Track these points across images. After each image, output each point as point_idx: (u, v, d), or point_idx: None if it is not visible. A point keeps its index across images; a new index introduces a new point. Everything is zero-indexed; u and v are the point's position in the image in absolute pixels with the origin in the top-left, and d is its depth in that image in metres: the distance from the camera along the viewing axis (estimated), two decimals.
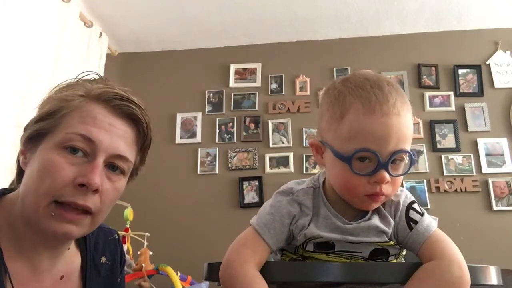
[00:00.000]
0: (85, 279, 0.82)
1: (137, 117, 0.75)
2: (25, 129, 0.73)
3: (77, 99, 0.71)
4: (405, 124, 0.70)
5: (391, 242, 0.74)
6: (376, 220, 0.74)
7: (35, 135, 0.70)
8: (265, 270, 0.70)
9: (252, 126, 3.02)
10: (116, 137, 0.72)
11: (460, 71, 2.96)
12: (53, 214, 0.67)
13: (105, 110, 0.72)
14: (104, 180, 0.70)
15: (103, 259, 0.87)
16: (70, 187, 0.67)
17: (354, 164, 0.69)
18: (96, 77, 0.79)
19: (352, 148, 0.69)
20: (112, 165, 0.72)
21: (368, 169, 0.69)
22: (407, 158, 0.71)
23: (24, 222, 0.70)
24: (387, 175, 0.69)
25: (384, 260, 0.76)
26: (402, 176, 0.73)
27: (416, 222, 0.73)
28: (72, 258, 0.82)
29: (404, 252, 0.78)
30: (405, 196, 0.77)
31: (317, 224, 0.74)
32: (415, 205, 0.76)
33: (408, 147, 0.71)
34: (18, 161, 0.77)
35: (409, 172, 0.74)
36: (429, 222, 0.74)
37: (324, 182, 0.80)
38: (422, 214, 0.75)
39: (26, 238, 0.71)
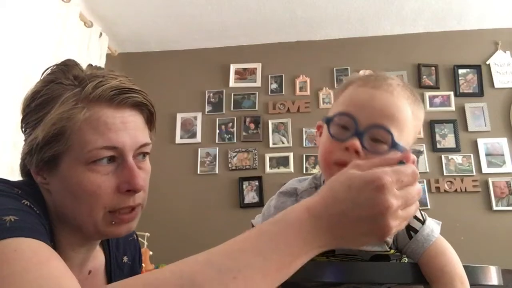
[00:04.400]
0: (109, 276, 0.84)
1: (141, 103, 0.73)
2: (29, 153, 0.69)
3: (79, 111, 0.66)
4: (395, 105, 0.68)
5: (392, 251, 0.73)
6: None
7: (49, 159, 0.67)
8: None
9: (252, 126, 3.02)
10: (132, 130, 0.70)
11: (460, 71, 2.96)
12: (114, 222, 0.69)
13: (111, 110, 0.69)
14: (140, 174, 0.71)
15: (125, 258, 0.89)
16: (116, 195, 0.68)
17: (333, 128, 0.69)
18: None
19: (336, 111, 0.70)
20: (138, 154, 0.73)
21: (344, 136, 0.67)
22: (390, 143, 0.65)
23: (65, 224, 0.71)
24: (358, 144, 0.65)
25: None
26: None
27: (416, 231, 0.71)
28: (97, 254, 0.83)
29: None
30: None
31: None
32: (417, 212, 0.73)
33: (393, 130, 0.66)
34: (22, 166, 0.75)
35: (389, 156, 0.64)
36: (430, 231, 0.72)
37: (324, 182, 0.80)
38: (423, 222, 0.73)
39: (65, 238, 0.72)
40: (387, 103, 0.68)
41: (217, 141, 3.01)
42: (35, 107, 0.69)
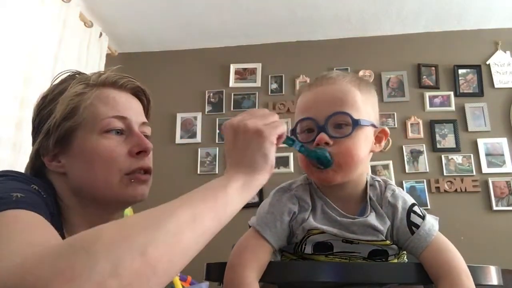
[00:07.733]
0: None
1: (140, 89, 0.85)
2: (46, 136, 0.76)
3: (90, 90, 0.78)
4: (340, 90, 0.74)
5: (388, 242, 0.73)
6: (372, 219, 0.74)
7: (64, 136, 0.75)
8: (266, 270, 0.69)
9: None
10: (135, 110, 0.82)
11: (460, 71, 2.96)
12: (132, 180, 0.76)
13: (117, 91, 0.81)
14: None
15: None
16: (130, 159, 0.76)
17: (301, 136, 0.76)
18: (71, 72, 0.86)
19: (296, 121, 0.78)
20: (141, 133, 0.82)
21: (311, 137, 0.74)
22: (351, 121, 0.73)
23: (77, 209, 0.76)
24: (325, 136, 0.72)
25: (384, 260, 0.76)
26: (353, 140, 0.72)
27: (417, 226, 0.73)
28: None
29: (405, 251, 0.78)
30: (403, 200, 0.76)
31: (315, 217, 0.75)
32: (416, 208, 0.76)
33: (350, 111, 0.72)
34: (31, 166, 0.80)
35: (364, 141, 0.75)
36: (431, 225, 0.73)
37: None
38: (423, 217, 0.74)
39: (74, 226, 0.75)
40: (333, 92, 0.75)
41: (217, 141, 3.01)
42: (49, 102, 0.78)
